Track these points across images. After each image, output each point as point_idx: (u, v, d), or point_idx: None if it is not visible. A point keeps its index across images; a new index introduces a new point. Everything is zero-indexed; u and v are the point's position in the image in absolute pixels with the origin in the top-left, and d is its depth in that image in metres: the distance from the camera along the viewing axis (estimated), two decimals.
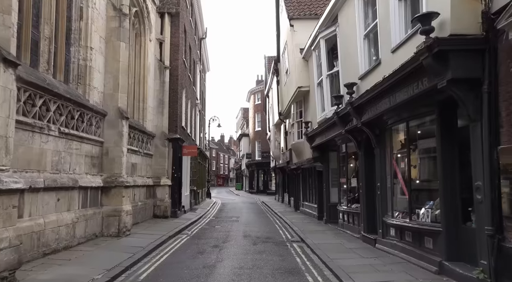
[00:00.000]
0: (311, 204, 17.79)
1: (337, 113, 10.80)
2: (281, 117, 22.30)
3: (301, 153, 17.55)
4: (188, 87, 21.15)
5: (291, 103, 18.34)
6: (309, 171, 18.13)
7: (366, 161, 10.59)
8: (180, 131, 17.86)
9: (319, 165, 15.70)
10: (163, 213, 15.95)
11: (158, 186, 16.07)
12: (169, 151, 16.69)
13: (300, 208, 20.23)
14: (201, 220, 17.27)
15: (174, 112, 17.10)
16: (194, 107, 24.67)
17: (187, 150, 18.07)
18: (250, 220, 17.29)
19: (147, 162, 15.57)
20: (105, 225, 10.54)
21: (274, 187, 40.87)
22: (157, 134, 16.40)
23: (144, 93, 15.28)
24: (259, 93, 47.46)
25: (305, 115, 16.74)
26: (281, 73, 22.06)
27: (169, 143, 16.71)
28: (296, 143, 17.65)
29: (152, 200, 15.84)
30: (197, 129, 26.83)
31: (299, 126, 17.60)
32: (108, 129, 10.98)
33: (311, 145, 15.18)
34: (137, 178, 13.92)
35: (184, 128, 19.32)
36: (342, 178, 12.95)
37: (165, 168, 16.40)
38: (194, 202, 24.45)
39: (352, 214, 11.68)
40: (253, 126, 48.70)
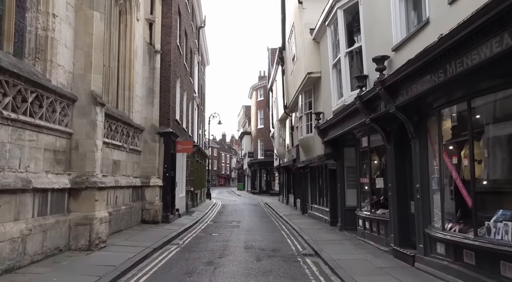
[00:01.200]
0: (321, 207, 15.71)
1: (360, 98, 8.72)
2: (286, 110, 20.22)
3: (310, 149, 15.49)
4: (183, 78, 19.11)
5: (299, 94, 16.27)
6: (319, 169, 16.05)
7: (397, 157, 8.51)
8: (173, 125, 15.82)
9: (332, 162, 13.62)
10: (152, 217, 13.90)
11: (147, 187, 14.03)
12: (160, 147, 14.65)
13: (308, 211, 18.17)
14: (197, 225, 15.21)
15: (166, 103, 15.06)
16: (191, 101, 22.64)
17: (182, 146, 16.03)
18: (253, 225, 15.23)
19: (134, 159, 13.54)
20: (73, 237, 8.49)
21: (278, 187, 38.79)
22: (146, 128, 14.36)
23: (130, 80, 13.24)
24: (261, 89, 45.40)
25: (315, 106, 14.68)
26: (286, 61, 19.98)
27: (160, 137, 14.67)
28: (304, 137, 15.59)
29: (140, 203, 13.80)
30: (195, 125, 24.80)
31: (308, 119, 15.53)
32: (79, 117, 8.93)
33: (323, 139, 13.11)
34: (120, 178, 11.88)
35: (179, 122, 17.27)
36: (363, 178, 10.88)
37: (155, 166, 14.35)
38: (192, 204, 22.42)
39: (377, 221, 9.60)
40: (255, 124, 46.63)
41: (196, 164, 24.99)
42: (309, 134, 15.22)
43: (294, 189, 23.46)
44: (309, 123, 15.40)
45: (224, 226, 14.94)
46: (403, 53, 7.11)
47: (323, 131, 13.03)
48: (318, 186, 16.50)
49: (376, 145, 10.03)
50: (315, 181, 17.06)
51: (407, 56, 6.63)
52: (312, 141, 15.03)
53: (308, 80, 14.21)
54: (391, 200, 8.63)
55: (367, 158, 10.72)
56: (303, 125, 15.80)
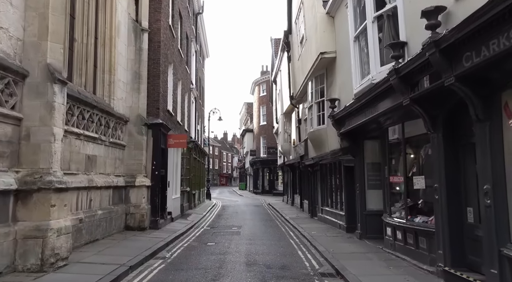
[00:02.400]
0: (334, 210, 13.64)
1: (396, 72, 6.65)
2: (293, 102, 18.14)
3: (322, 143, 13.42)
4: (177, 65, 17.06)
5: (308, 80, 14.20)
6: (332, 167, 13.99)
7: (447, 148, 6.45)
8: (164, 116, 13.78)
9: (349, 158, 11.56)
10: (138, 223, 11.87)
11: (132, 187, 12.00)
12: (148, 141, 12.61)
13: (317, 214, 16.10)
14: (191, 231, 13.17)
15: (155, 90, 13.02)
16: (187, 92, 20.59)
17: (174, 140, 13.98)
18: (256, 232, 13.18)
19: (116, 154, 11.51)
20: (20, 254, 6.46)
21: (282, 187, 36.74)
22: (132, 119, 12.32)
23: (111, 61, 11.21)
24: (264, 84, 43.33)
25: (328, 92, 12.60)
26: (293, 46, 17.90)
27: (148, 130, 12.63)
28: (315, 130, 13.52)
29: (124, 206, 11.76)
30: (192, 120, 22.76)
31: (319, 109, 13.46)
32: (30, 98, 6.90)
33: (339, 130, 11.05)
34: (96, 176, 9.86)
35: (171, 113, 15.23)
36: (393, 176, 8.80)
37: (142, 163, 12.31)
38: (188, 206, 20.39)
39: (415, 231, 7.52)
40: (257, 121, 44.56)
41: (194, 162, 22.96)
42: (321, 126, 13.16)
43: (301, 189, 21.39)
44: (320, 113, 13.33)
45: (222, 233, 12.89)
46: (471, 1, 5.03)
47: (339, 121, 10.97)
48: (330, 186, 14.43)
49: (413, 135, 7.97)
50: (326, 180, 14.99)
51: (477, 4, 4.58)
52: (325, 133, 12.96)
53: (320, 62, 12.13)
54: (438, 206, 6.56)
55: (398, 152, 8.66)
56: (313, 117, 13.73)
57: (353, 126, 10.03)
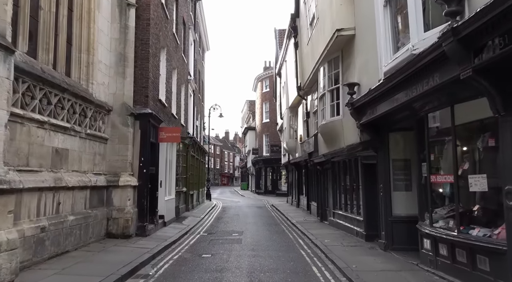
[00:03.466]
0: (350, 214, 11.86)
1: (454, 32, 4.86)
2: (300, 93, 16.35)
3: (336, 137, 11.64)
4: (172, 51, 15.32)
5: (320, 65, 12.43)
6: (347, 164, 12.21)
7: None
8: (154, 105, 12.04)
9: (371, 154, 9.80)
10: (122, 229, 10.13)
11: (115, 188, 10.26)
12: (135, 134, 10.88)
13: (328, 217, 14.33)
14: (185, 239, 11.42)
15: (144, 75, 11.27)
16: (184, 84, 18.85)
17: (167, 134, 12.23)
18: (259, 239, 11.42)
19: (96, 149, 9.78)
20: None
21: (286, 187, 34.97)
22: (116, 107, 10.59)
23: (90, 38, 9.49)
24: (267, 79, 41.56)
25: (345, 77, 10.83)
26: (301, 31, 16.14)
27: (135, 121, 10.90)
28: (328, 122, 11.74)
29: (105, 209, 10.03)
30: (190, 114, 21.02)
31: (333, 98, 11.69)
32: None
33: (359, 121, 9.28)
34: (67, 175, 8.14)
35: (164, 104, 13.48)
36: (436, 175, 7.00)
37: (127, 159, 10.57)
38: (184, 208, 18.65)
39: (470, 247, 5.73)
40: (260, 118, 42.77)
41: (192, 160, 21.22)
42: (335, 118, 11.38)
43: (308, 190, 19.62)
44: (334, 103, 11.55)
45: (221, 240, 11.14)
46: None
47: (359, 109, 9.20)
48: (344, 186, 12.65)
49: (465, 122, 6.20)
50: (339, 180, 13.21)
51: None
52: (339, 126, 11.19)
53: (335, 42, 10.37)
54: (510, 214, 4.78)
55: (442, 144, 6.89)
56: (325, 107, 11.94)
57: (378, 115, 8.25)
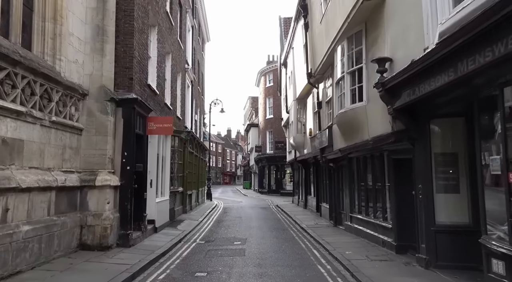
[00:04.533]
0: (374, 220, 10.00)
1: None
2: (311, 80, 14.46)
3: (358, 128, 9.77)
4: (166, 32, 13.48)
5: (337, 44, 10.57)
6: (371, 160, 10.35)
7: None
8: (142, 91, 10.20)
9: (405, 147, 7.94)
10: (99, 239, 8.31)
11: (91, 188, 8.44)
12: (116, 123, 9.05)
13: (344, 222, 12.46)
14: (177, 249, 9.59)
15: (128, 53, 9.42)
16: (181, 72, 17.01)
17: (156, 124, 10.40)
18: (266, 250, 9.59)
19: (66, 141, 7.96)
20: None
21: (291, 186, 33.10)
22: (92, 91, 8.77)
23: (56, 4, 7.66)
24: (270, 73, 39.67)
25: (371, 53, 8.96)
26: (312, 9, 14.23)
27: (117, 108, 9.07)
28: (348, 110, 9.86)
29: (78, 215, 8.21)
30: (187, 107, 19.18)
31: (354, 81, 9.82)
32: None
33: (392, 106, 7.41)
34: (20, 173, 6.32)
35: (155, 91, 11.64)
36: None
37: (106, 154, 8.74)
38: (181, 209, 16.84)
39: None
40: (263, 114, 40.88)
41: (190, 157, 19.40)
42: (357, 105, 9.50)
43: (317, 190, 17.74)
44: (356, 86, 9.68)
45: (220, 251, 9.31)
46: None
47: (392, 91, 7.33)
48: (365, 186, 10.79)
49: None
50: (358, 179, 11.34)
51: None
52: (363, 113, 9.32)
53: (359, 11, 8.51)
54: None
55: None
56: (345, 92, 10.06)
57: (421, 96, 6.37)
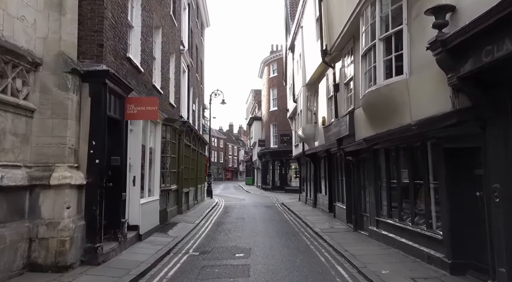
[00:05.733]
0: (413, 227, 7.86)
1: None
2: (326, 58, 12.21)
3: (394, 110, 7.56)
4: (155, 1, 11.31)
5: (362, 8, 8.39)
6: (403, 152, 8.19)
7: None
8: (118, 64, 8.05)
9: (466, 133, 5.80)
10: (55, 257, 6.21)
11: (44, 188, 6.34)
12: (81, 103, 6.93)
13: (368, 226, 10.35)
14: (162, 266, 7.47)
15: (97, 13, 7.25)
16: (174, 54, 14.87)
17: (138, 107, 8.26)
18: (277, 267, 7.47)
19: (7, 124, 5.84)
20: None
21: (297, 182, 31.00)
22: (47, 60, 6.63)
23: None
24: (274, 63, 37.43)
25: (416, 9, 6.76)
26: None
27: (82, 83, 6.94)
28: (381, 87, 7.67)
29: (25, 225, 6.11)
30: (183, 95, 17.05)
31: (390, 50, 7.65)
32: None
33: (457, 73, 5.24)
34: None
35: (138, 68, 9.50)
36: None
37: (66, 142, 6.62)
38: (176, 210, 14.77)
39: None
40: (267, 106, 38.68)
41: (187, 150, 17.30)
42: (395, 79, 7.33)
43: (330, 187, 15.59)
44: (391, 57, 7.51)
45: (217, 269, 7.20)
46: None
47: (458, 51, 5.18)
48: (398, 184, 8.62)
49: None
50: (387, 174, 9.19)
51: None
52: (402, 91, 7.14)
53: None
54: None
55: None
56: (377, 65, 7.87)
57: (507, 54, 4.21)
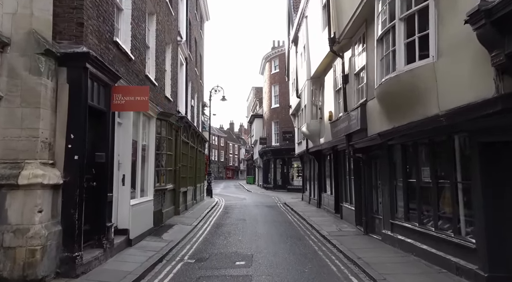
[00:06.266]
0: (436, 232, 6.91)
1: None
2: (335, 47, 11.23)
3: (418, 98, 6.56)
4: None
5: None
6: (423, 148, 7.22)
7: None
8: (102, 48, 7.10)
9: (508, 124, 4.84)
10: (23, 270, 5.29)
11: (12, 189, 5.42)
12: (58, 91, 6.00)
13: (381, 230, 9.41)
14: (152, 277, 6.54)
15: None
16: (171, 44, 13.93)
17: (127, 96, 7.32)
18: (283, 276, 6.54)
19: None
20: None
21: (299, 181, 30.08)
22: (16, 40, 5.70)
23: None
24: (276, 59, 36.47)
25: None
26: None
27: (58, 67, 6.01)
28: (402, 73, 6.68)
29: None
30: (181, 89, 16.12)
31: (412, 30, 6.68)
32: None
33: (504, 50, 4.30)
34: None
35: (127, 54, 8.55)
36: None
37: (38, 135, 5.68)
38: (173, 210, 13.86)
39: None
40: (268, 103, 37.73)
41: (184, 147, 16.38)
42: (419, 64, 6.37)
43: (337, 186, 14.65)
44: (414, 38, 6.56)
45: (214, 280, 6.27)
46: None
47: (506, 22, 4.23)
48: (418, 183, 7.67)
49: None
50: (404, 172, 8.23)
51: None
52: (428, 75, 6.19)
53: None
54: None
55: None
56: (397, 48, 6.90)
57: None
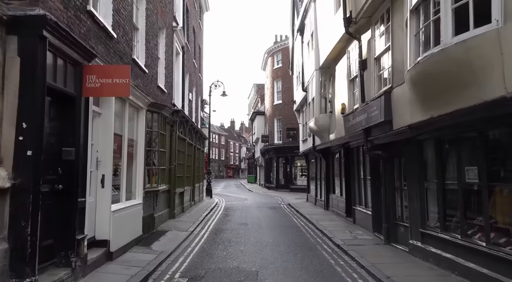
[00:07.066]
0: (487, 248, 5.51)
1: None
2: (351, 28, 9.77)
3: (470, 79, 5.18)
4: None
5: None
6: (466, 144, 5.80)
7: None
8: (67, 14, 5.68)
9: None
10: None
11: None
12: (6, 66, 4.58)
13: (408, 240, 8.01)
14: None
15: None
16: (165, 29, 12.52)
17: (103, 78, 5.91)
18: None
19: None
20: None
21: (304, 181, 28.70)
22: None
23: None
24: (279, 53, 35.03)
25: None
26: None
27: (7, 35, 4.59)
28: (449, 46, 5.24)
29: None
30: (176, 80, 14.72)
31: None
32: None
33: None
34: None
35: (106, 29, 7.14)
36: None
37: None
38: (167, 214, 12.46)
39: None
40: (270, 100, 36.31)
41: (180, 144, 14.99)
42: (474, 33, 4.96)
43: (348, 187, 13.25)
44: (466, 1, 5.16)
45: None
46: None
47: None
48: (460, 186, 6.26)
49: None
50: (439, 173, 6.82)
51: None
52: (489, 48, 4.80)
53: None
54: None
55: None
56: (442, 16, 5.51)
57: None
